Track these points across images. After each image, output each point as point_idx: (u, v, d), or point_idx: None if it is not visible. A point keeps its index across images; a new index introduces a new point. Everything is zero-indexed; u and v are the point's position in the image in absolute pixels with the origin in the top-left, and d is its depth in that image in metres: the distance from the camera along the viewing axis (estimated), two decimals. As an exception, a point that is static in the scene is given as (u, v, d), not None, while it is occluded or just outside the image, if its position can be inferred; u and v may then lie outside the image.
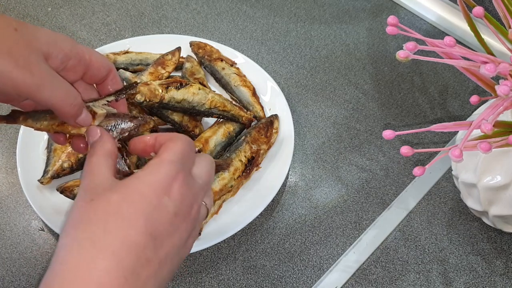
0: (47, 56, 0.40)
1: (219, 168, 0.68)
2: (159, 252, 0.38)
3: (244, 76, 0.79)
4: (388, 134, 0.51)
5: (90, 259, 0.35)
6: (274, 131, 0.73)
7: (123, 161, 0.48)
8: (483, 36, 0.56)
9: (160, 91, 0.69)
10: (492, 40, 0.61)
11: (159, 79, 0.74)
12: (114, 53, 0.79)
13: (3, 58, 0.37)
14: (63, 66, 0.42)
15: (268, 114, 0.77)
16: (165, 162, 0.40)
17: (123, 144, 0.47)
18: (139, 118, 0.47)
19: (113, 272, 0.35)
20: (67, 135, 0.47)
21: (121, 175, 0.47)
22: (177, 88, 0.70)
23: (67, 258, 0.35)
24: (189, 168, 0.43)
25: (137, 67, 0.79)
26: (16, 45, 0.38)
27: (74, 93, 0.42)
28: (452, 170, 0.66)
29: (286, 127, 0.74)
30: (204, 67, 0.80)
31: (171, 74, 0.77)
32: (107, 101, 0.46)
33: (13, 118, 0.44)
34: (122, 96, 0.47)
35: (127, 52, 0.80)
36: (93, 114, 0.44)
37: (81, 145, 0.47)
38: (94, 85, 0.47)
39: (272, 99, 0.78)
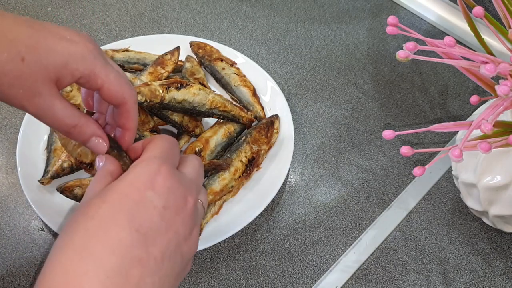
0: (56, 80, 0.39)
1: (219, 169, 0.68)
2: (152, 250, 0.37)
3: (244, 76, 0.79)
4: (388, 134, 0.51)
5: (69, 264, 0.35)
6: (274, 131, 0.73)
7: None
8: (483, 36, 0.56)
9: (161, 91, 0.69)
10: (492, 40, 0.61)
11: (159, 79, 0.74)
12: (113, 50, 0.79)
13: (6, 89, 0.38)
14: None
15: (268, 114, 0.77)
16: (145, 159, 0.40)
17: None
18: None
19: (92, 273, 0.34)
20: None
21: None
22: (178, 89, 0.70)
23: (48, 265, 0.36)
24: (172, 162, 0.42)
25: (133, 66, 0.79)
26: (18, 79, 0.38)
27: (74, 118, 0.41)
28: (452, 170, 0.66)
29: (286, 127, 0.74)
30: (204, 67, 0.80)
31: (169, 75, 0.77)
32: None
33: None
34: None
35: (127, 50, 0.81)
36: None
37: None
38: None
39: (272, 99, 0.78)
